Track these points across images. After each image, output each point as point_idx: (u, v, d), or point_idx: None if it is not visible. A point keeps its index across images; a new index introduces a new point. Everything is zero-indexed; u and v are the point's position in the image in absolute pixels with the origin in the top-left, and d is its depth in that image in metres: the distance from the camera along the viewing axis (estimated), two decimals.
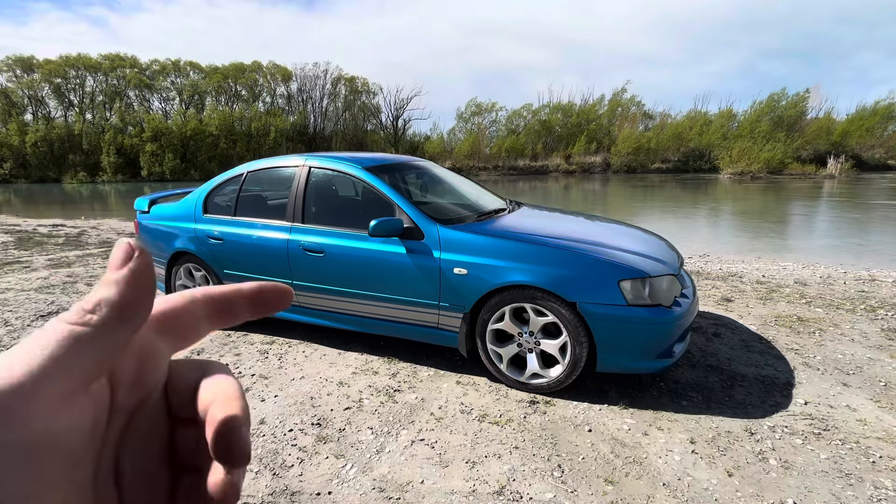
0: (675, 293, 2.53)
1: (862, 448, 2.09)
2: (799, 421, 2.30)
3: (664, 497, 1.83)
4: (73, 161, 33.04)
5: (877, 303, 4.00)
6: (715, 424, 2.29)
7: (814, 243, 7.67)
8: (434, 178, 3.86)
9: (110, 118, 35.57)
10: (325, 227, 3.06)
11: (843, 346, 3.12)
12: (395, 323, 2.90)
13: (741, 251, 6.84)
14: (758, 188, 19.47)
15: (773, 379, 2.71)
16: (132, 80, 36.15)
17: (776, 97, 32.97)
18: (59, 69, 34.79)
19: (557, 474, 1.96)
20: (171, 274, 3.73)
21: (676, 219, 10.93)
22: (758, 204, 14.11)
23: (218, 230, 3.41)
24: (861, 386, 2.63)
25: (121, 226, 9.73)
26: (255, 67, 39.27)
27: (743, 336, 3.32)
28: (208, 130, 34.80)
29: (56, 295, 4.47)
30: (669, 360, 2.42)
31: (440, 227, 2.74)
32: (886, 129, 33.06)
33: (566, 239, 2.71)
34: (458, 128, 40.91)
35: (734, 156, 28.65)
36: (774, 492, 1.84)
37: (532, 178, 30.42)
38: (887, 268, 5.45)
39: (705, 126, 34.70)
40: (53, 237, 7.98)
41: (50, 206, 16.37)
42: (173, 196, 4.12)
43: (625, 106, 38.20)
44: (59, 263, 5.81)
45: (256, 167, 3.53)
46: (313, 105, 41.42)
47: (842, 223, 9.84)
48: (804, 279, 4.80)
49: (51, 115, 35.99)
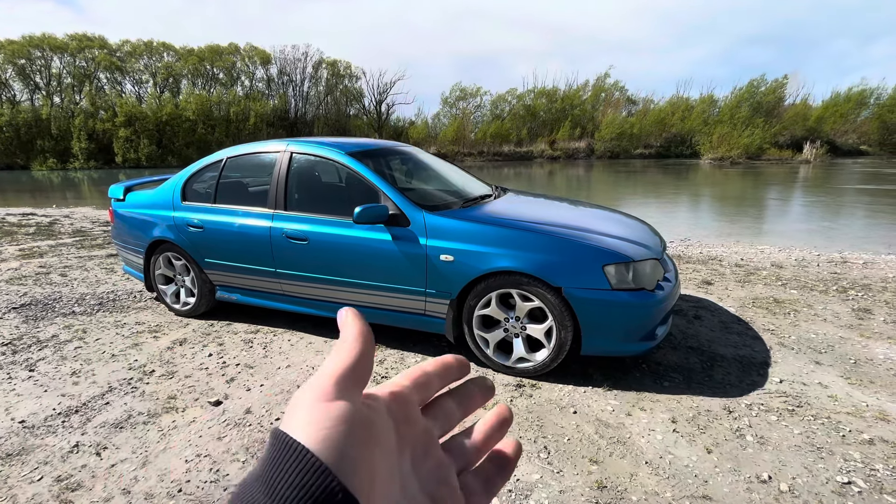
0: (658, 277, 2.57)
1: (833, 423, 2.18)
2: (774, 398, 2.39)
3: (647, 475, 1.88)
4: (41, 147, 31.65)
5: (848, 284, 4.14)
6: (695, 404, 2.35)
7: (789, 227, 7.88)
8: (419, 163, 3.81)
9: (80, 102, 34.10)
10: (308, 214, 3.01)
11: (816, 326, 3.24)
12: (381, 310, 2.89)
13: (721, 235, 7.00)
14: (737, 173, 19.86)
15: (750, 359, 2.80)
16: (102, 62, 34.59)
17: (756, 83, 33.47)
18: (22, 50, 33.04)
19: (543, 455, 2.00)
20: (149, 263, 3.63)
21: (659, 204, 11.09)
22: (737, 189, 14.41)
23: (198, 218, 3.32)
24: (832, 364, 2.73)
25: (94, 214, 9.41)
26: (232, 50, 37.97)
27: (722, 318, 3.41)
28: (185, 115, 33.69)
29: (28, 286, 4.32)
30: (652, 342, 2.47)
31: (426, 214, 2.72)
32: (859, 115, 34.00)
33: (551, 224, 2.72)
34: (443, 113, 40.55)
35: (714, 141, 29.11)
36: (751, 466, 1.91)
37: (517, 163, 30.41)
38: (858, 250, 5.65)
39: (687, 112, 35.11)
40: (24, 226, 7.69)
41: (19, 195, 15.72)
42: (149, 183, 3.99)
43: (608, 91, 38.32)
44: (30, 253, 5.60)
45: (236, 153, 3.43)
46: (294, 89, 40.42)
47: (816, 207, 10.12)
48: (780, 262, 4.94)
49: (16, 99, 34.31)
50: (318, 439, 0.20)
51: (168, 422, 2.26)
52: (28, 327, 3.39)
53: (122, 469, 1.94)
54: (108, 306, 3.82)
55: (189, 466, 1.95)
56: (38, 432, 2.19)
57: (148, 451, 2.05)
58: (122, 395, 2.51)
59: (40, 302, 3.90)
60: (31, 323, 3.48)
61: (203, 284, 3.43)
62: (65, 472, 1.92)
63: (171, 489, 1.83)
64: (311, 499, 0.19)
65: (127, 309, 3.77)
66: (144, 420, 2.28)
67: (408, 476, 0.24)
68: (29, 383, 2.63)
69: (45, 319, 3.54)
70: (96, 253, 5.66)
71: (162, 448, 2.07)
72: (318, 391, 0.23)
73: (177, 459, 1.99)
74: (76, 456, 2.02)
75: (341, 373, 0.24)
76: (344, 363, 0.24)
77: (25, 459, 2.00)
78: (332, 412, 0.22)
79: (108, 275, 4.70)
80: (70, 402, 2.43)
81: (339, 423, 0.21)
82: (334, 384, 0.23)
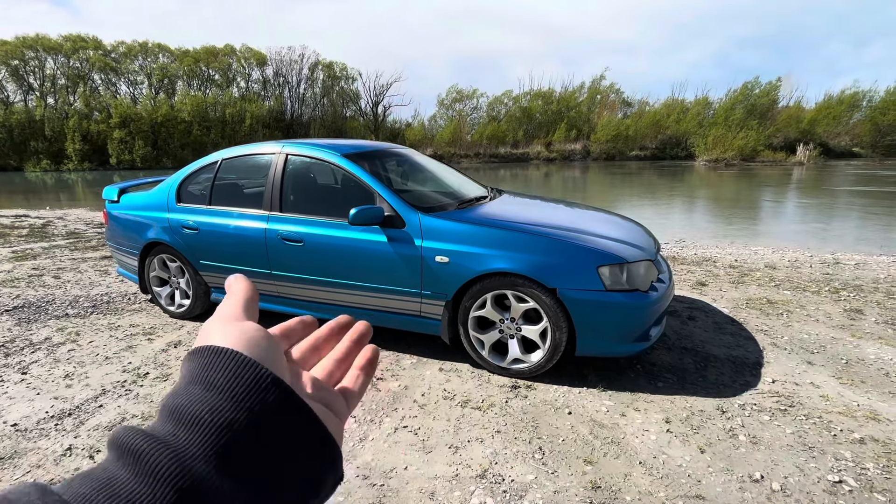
0: (652, 278, 2.59)
1: (824, 422, 2.20)
2: (767, 398, 2.41)
3: (640, 475, 1.89)
4: (35, 148, 31.40)
5: (840, 285, 4.18)
6: (689, 404, 2.37)
7: (783, 228, 7.95)
8: (415, 165, 3.82)
9: (74, 103, 33.88)
10: (303, 216, 3.01)
11: (809, 327, 3.27)
12: (377, 312, 2.89)
13: (715, 237, 7.04)
14: (731, 175, 19.99)
15: (743, 359, 2.82)
16: (96, 63, 34.39)
17: (750, 85, 33.70)
18: (15, 50, 32.80)
19: (538, 456, 2.01)
20: (144, 265, 3.62)
21: (654, 205, 11.15)
22: (731, 190, 14.50)
23: (192, 220, 3.32)
24: (824, 364, 2.76)
25: (88, 216, 9.36)
26: (228, 51, 37.86)
27: (716, 319, 3.43)
28: (180, 116, 33.53)
29: (21, 288, 4.29)
30: (646, 343, 2.49)
31: (421, 215, 2.73)
32: (852, 117, 34.28)
33: (546, 226, 2.74)
34: (440, 114, 40.54)
35: (709, 143, 29.27)
36: (743, 466, 1.93)
37: (513, 165, 30.47)
38: (850, 251, 5.70)
39: (682, 114, 35.28)
40: (17, 228, 7.63)
41: (12, 196, 15.60)
42: (144, 185, 3.98)
43: (604, 93, 38.46)
44: (23, 256, 5.56)
45: (232, 154, 3.43)
46: (290, 90, 40.33)
47: (809, 209, 10.21)
48: (774, 263, 4.98)
49: (9, 100, 34.04)
50: (239, 344, 0.24)
51: None
52: (21, 330, 3.37)
53: None
54: (101, 308, 3.80)
55: None
56: (30, 435, 2.18)
57: None
58: (115, 397, 2.49)
59: (33, 304, 3.87)
60: (23, 325, 3.45)
61: (198, 286, 3.42)
62: (58, 476, 1.91)
63: None
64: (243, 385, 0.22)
65: (121, 311, 3.75)
66: (138, 423, 2.26)
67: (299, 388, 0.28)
68: (21, 386, 2.61)
69: (38, 322, 3.52)
70: (90, 255, 5.63)
71: None
72: (226, 316, 0.27)
73: None
74: (69, 459, 2.01)
75: (242, 303, 0.28)
76: (241, 298, 0.29)
77: (18, 463, 1.99)
78: (245, 327, 0.26)
79: (102, 277, 4.68)
80: (63, 405, 2.42)
81: (253, 332, 0.26)
82: (241, 311, 0.28)
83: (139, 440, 0.20)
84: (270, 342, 0.26)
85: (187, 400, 0.21)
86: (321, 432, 0.25)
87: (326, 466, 0.25)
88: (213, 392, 0.21)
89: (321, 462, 0.24)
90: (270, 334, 0.27)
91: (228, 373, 0.22)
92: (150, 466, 0.19)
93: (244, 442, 0.21)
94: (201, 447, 0.20)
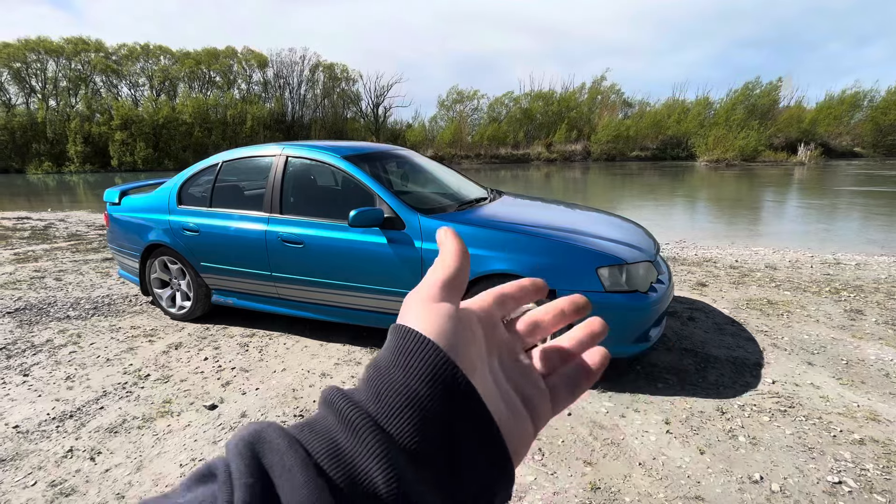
0: (652, 279, 2.59)
1: (824, 423, 2.20)
2: (767, 399, 2.40)
3: (640, 476, 1.89)
4: (36, 150, 31.52)
5: (840, 285, 4.18)
6: (689, 405, 2.37)
7: (784, 229, 7.94)
8: (415, 167, 3.83)
9: (76, 105, 34.00)
10: (303, 218, 3.02)
11: (809, 328, 3.27)
12: (377, 313, 2.90)
13: (716, 237, 7.04)
14: (732, 175, 19.98)
15: (743, 360, 2.82)
16: (98, 65, 34.53)
17: (750, 86, 33.69)
18: (17, 53, 32.94)
19: (538, 457, 2.01)
20: (145, 267, 3.63)
21: (655, 206, 11.14)
22: (732, 191, 14.49)
23: (193, 222, 3.33)
24: (825, 365, 2.76)
25: (90, 218, 9.38)
26: (229, 53, 37.98)
27: (716, 319, 3.43)
28: (182, 118, 33.63)
29: (23, 290, 4.30)
30: (646, 344, 2.49)
31: (421, 217, 2.73)
32: (853, 117, 34.24)
33: (546, 227, 2.74)
34: (440, 116, 40.58)
35: (710, 143, 29.26)
36: (743, 467, 1.93)
37: (514, 166, 30.49)
38: (851, 252, 5.69)
39: (683, 114, 35.27)
40: (19, 230, 7.66)
41: (14, 198, 15.65)
42: (145, 187, 3.99)
43: (604, 94, 38.46)
44: (25, 258, 5.58)
45: (232, 157, 3.44)
46: (291, 92, 40.42)
47: (810, 209, 10.20)
48: (774, 263, 4.98)
49: (11, 102, 34.17)
50: (433, 332, 0.24)
51: (163, 426, 2.26)
52: (22, 332, 3.38)
53: (117, 474, 1.94)
54: (103, 310, 3.81)
55: (184, 471, 1.95)
56: (32, 437, 2.18)
57: (142, 456, 2.04)
58: (116, 399, 2.50)
59: (35, 306, 3.89)
60: (25, 327, 3.46)
61: (199, 288, 3.43)
62: (59, 477, 1.92)
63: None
64: (440, 383, 0.23)
65: (122, 313, 3.76)
66: (139, 424, 2.27)
67: (497, 373, 0.28)
68: (23, 388, 2.62)
69: (39, 324, 3.53)
70: (91, 257, 5.64)
71: (157, 452, 2.07)
72: (425, 294, 0.27)
73: (171, 464, 1.99)
74: (70, 461, 2.02)
75: (444, 280, 0.28)
76: (446, 272, 0.28)
77: (19, 465, 2.00)
78: (440, 310, 0.26)
79: (104, 279, 4.69)
80: (64, 407, 2.42)
81: (447, 319, 0.25)
82: (439, 289, 0.27)
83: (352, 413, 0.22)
84: (458, 326, 0.26)
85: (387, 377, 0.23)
86: (496, 441, 0.24)
87: (497, 483, 0.24)
88: (409, 375, 0.23)
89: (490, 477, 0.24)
90: (460, 316, 0.26)
91: (423, 363, 0.23)
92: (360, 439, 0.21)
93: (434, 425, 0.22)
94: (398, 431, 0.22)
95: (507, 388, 0.28)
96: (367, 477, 0.20)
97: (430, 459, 0.22)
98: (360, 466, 0.21)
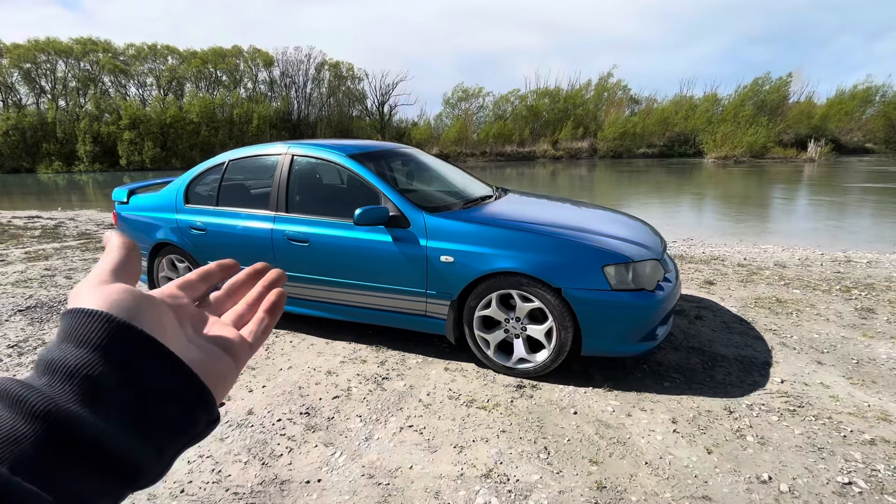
0: (658, 277, 2.57)
1: (834, 423, 2.17)
2: (775, 399, 2.38)
3: (646, 475, 1.88)
4: (47, 150, 31.93)
5: (851, 283, 4.12)
6: (696, 404, 2.35)
7: (793, 226, 7.84)
8: (420, 165, 3.83)
9: (85, 105, 34.36)
10: (309, 216, 3.03)
11: (819, 326, 3.23)
12: (382, 311, 2.90)
13: (724, 235, 6.97)
14: (741, 172, 19.77)
15: (751, 359, 2.79)
16: (106, 66, 34.87)
17: (760, 81, 33.30)
18: (27, 54, 33.35)
19: (543, 456, 2.01)
20: (153, 266, 3.66)
21: (662, 204, 11.06)
22: (740, 188, 14.34)
23: (200, 220, 3.35)
24: (835, 364, 2.72)
25: (99, 216, 9.49)
26: (235, 52, 38.19)
27: (724, 318, 3.40)
28: (189, 118, 33.90)
29: (34, 289, 4.36)
30: (653, 342, 2.47)
31: (426, 215, 2.73)
32: (864, 112, 33.73)
33: (552, 225, 2.73)
34: (445, 113, 40.54)
35: (718, 140, 28.96)
36: (751, 467, 1.91)
37: (519, 164, 30.39)
38: (862, 249, 5.61)
39: (691, 111, 34.94)
40: (30, 229, 7.76)
41: (25, 198, 15.87)
42: (153, 186, 4.02)
43: (611, 91, 38.20)
44: (36, 256, 5.66)
45: (238, 155, 3.45)
46: (297, 91, 40.58)
47: (820, 206, 10.07)
48: (783, 261, 4.92)
49: (22, 103, 34.61)
50: (104, 305, 0.27)
51: None
52: (34, 329, 3.43)
53: None
54: None
55: (191, 467, 1.97)
56: None
57: None
58: None
59: (45, 304, 3.94)
60: (36, 325, 3.51)
61: None
62: None
63: (174, 490, 1.85)
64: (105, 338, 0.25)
65: None
66: None
67: (190, 333, 0.32)
68: None
69: (50, 322, 3.58)
70: (101, 255, 5.70)
71: None
72: (95, 281, 0.29)
73: (179, 460, 2.01)
74: None
75: (112, 266, 0.30)
76: (112, 260, 0.31)
77: None
78: (112, 289, 0.28)
79: None
80: None
81: (119, 293, 0.28)
82: (109, 273, 0.30)
83: (17, 387, 0.23)
84: (134, 299, 0.28)
85: (60, 355, 0.25)
86: (184, 374, 0.28)
87: (195, 407, 0.28)
88: (81, 347, 0.25)
89: (185, 403, 0.28)
90: (135, 292, 0.29)
91: (93, 329, 0.25)
92: (29, 407, 0.23)
93: (112, 386, 0.25)
94: (73, 393, 0.24)
95: (202, 342, 0.32)
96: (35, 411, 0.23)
97: (112, 396, 0.25)
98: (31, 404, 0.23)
